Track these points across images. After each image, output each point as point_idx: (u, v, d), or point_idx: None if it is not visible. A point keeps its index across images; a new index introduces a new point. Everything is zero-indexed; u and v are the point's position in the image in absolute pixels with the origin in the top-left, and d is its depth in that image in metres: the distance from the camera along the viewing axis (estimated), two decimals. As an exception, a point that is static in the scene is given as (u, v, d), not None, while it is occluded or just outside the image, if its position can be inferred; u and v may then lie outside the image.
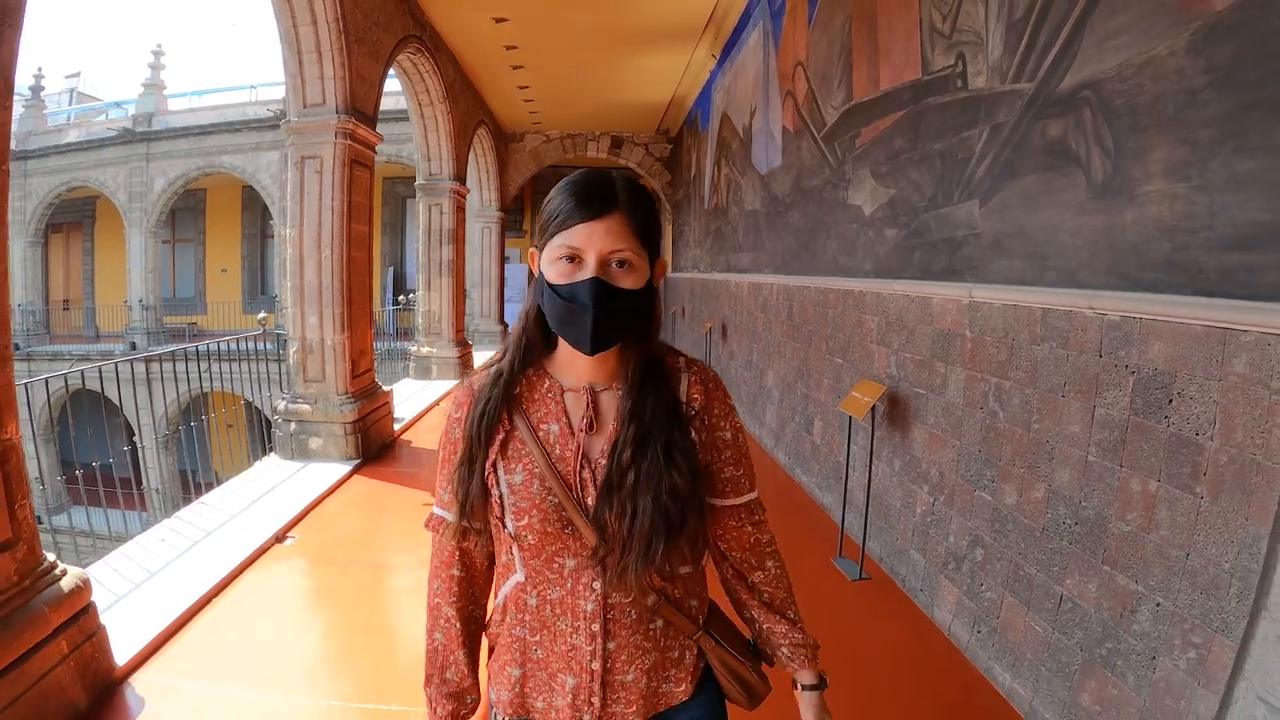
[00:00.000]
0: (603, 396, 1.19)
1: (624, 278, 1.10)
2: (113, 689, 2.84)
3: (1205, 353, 1.94)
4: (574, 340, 1.12)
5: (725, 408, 1.24)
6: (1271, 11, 1.74)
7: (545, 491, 1.13)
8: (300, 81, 5.64)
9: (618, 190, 1.11)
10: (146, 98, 18.43)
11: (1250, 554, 1.80)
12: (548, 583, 1.15)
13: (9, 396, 2.62)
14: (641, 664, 1.16)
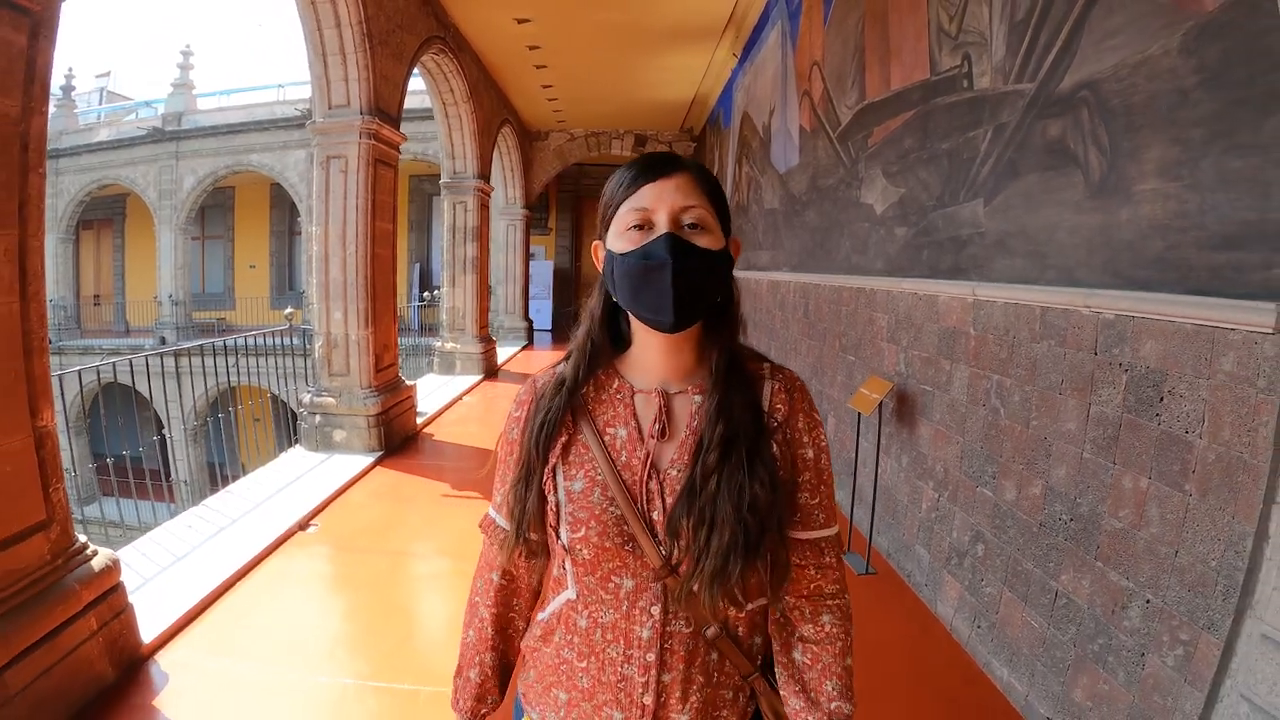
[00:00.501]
0: (676, 400, 1.07)
1: (699, 237, 1.00)
2: (139, 665, 2.94)
3: (1195, 351, 1.93)
4: (652, 309, 1.00)
5: (810, 422, 1.10)
6: (1260, 10, 1.72)
7: (607, 501, 1.03)
8: (325, 83, 5.73)
9: (680, 157, 1.05)
10: (176, 97, 18.58)
11: (1236, 552, 1.79)
12: (601, 603, 1.04)
13: (45, 386, 2.72)
14: (696, 701, 1.04)
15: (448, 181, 10.28)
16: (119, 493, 7.18)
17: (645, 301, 1.00)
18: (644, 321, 1.03)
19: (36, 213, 2.64)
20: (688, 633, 1.02)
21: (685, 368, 1.09)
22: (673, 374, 1.08)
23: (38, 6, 2.48)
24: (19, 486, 2.56)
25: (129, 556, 3.65)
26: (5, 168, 2.49)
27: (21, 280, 2.59)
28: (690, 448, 1.04)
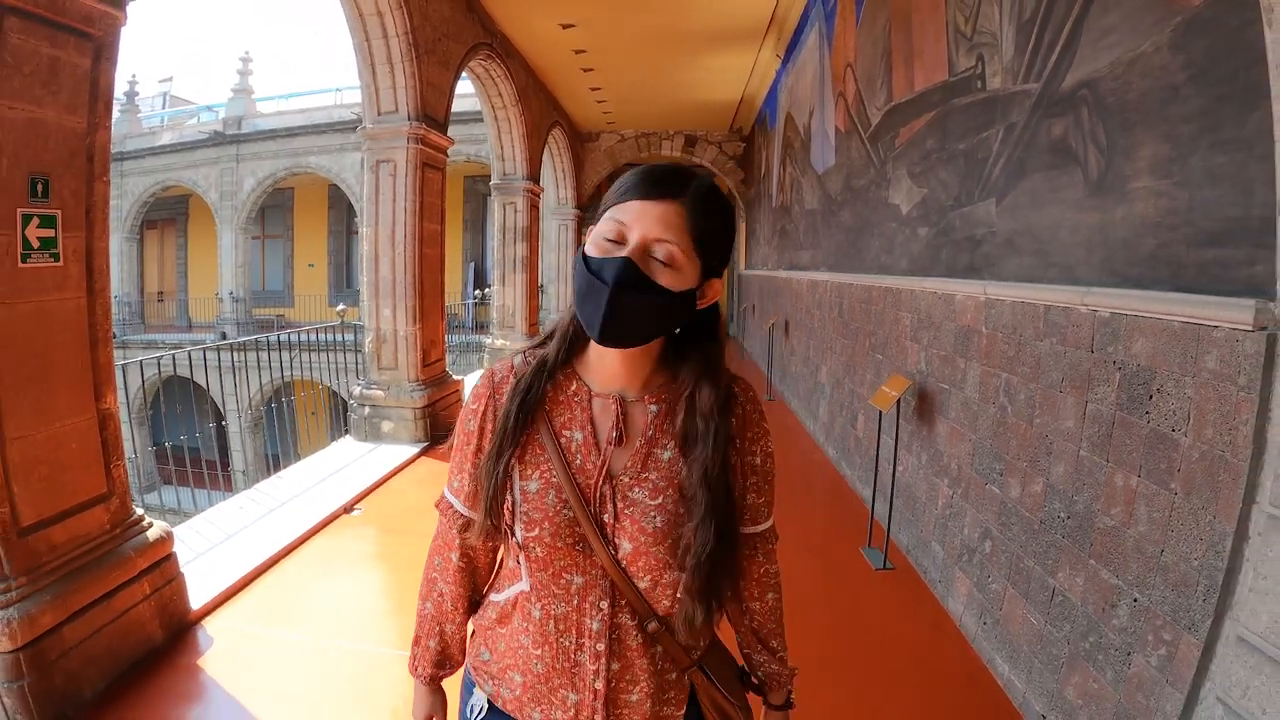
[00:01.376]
0: (633, 408, 1.09)
1: (661, 272, 0.98)
2: (187, 629, 3.12)
3: (1181, 349, 1.88)
4: (585, 321, 1.02)
5: (759, 431, 1.13)
6: (1243, 4, 1.67)
7: (561, 504, 1.05)
8: (374, 91, 5.91)
9: (689, 184, 1.01)
10: (236, 102, 19.07)
11: (1216, 552, 1.74)
12: (553, 597, 1.07)
13: (109, 373, 2.92)
14: (645, 687, 1.08)
15: (498, 183, 10.44)
16: (178, 481, 7.48)
17: (583, 311, 1.01)
18: (583, 325, 1.04)
19: (102, 217, 2.83)
20: (634, 625, 1.07)
21: (641, 380, 1.10)
22: (629, 382, 1.09)
23: (99, 31, 2.66)
24: (83, 461, 2.75)
25: (183, 533, 3.86)
26: (74, 177, 2.68)
27: (88, 278, 2.79)
28: (643, 455, 1.07)
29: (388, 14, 5.66)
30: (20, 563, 2.51)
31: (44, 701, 2.48)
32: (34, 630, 2.46)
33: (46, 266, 2.62)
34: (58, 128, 2.62)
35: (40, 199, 2.58)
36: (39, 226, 2.59)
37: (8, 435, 2.48)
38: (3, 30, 2.40)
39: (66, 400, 2.71)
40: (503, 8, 7.73)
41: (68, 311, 2.70)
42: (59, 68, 2.60)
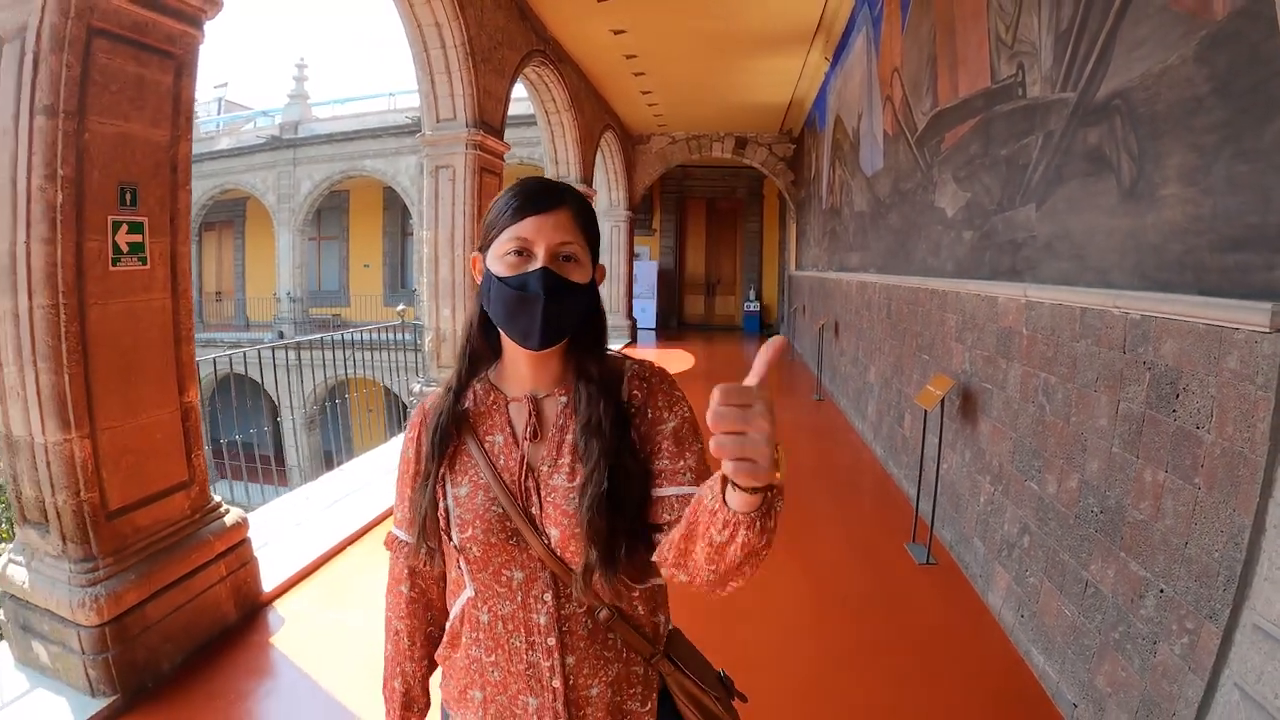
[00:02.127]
0: (545, 404, 1.16)
1: (572, 271, 1.09)
2: (259, 610, 3.37)
3: (1205, 350, 1.97)
4: (522, 333, 1.09)
5: (670, 399, 1.16)
6: (1260, 19, 1.76)
7: (490, 502, 1.11)
8: (433, 99, 6.20)
9: (565, 192, 1.12)
10: (292, 107, 19.53)
11: (1235, 544, 1.83)
12: (498, 596, 1.11)
13: (191, 369, 3.18)
14: (604, 677, 1.10)
15: (553, 186, 10.65)
16: (234, 476, 7.81)
17: (517, 326, 1.08)
18: (514, 341, 1.11)
19: (184, 223, 3.10)
20: (582, 613, 1.09)
21: (551, 377, 1.17)
22: (541, 382, 1.16)
23: (180, 50, 2.93)
24: (167, 451, 3.02)
25: (253, 521, 4.13)
26: (159, 186, 2.94)
27: (172, 280, 3.05)
28: (557, 443, 1.13)
29: (445, 25, 5.94)
30: (107, 544, 2.77)
31: (126, 673, 2.73)
32: (119, 607, 2.72)
33: (135, 270, 2.88)
34: (144, 141, 2.88)
35: (129, 207, 2.85)
36: (128, 233, 2.85)
37: (98, 425, 2.75)
38: (92, 51, 2.66)
39: (152, 394, 2.97)
40: (555, 15, 7.98)
41: (154, 311, 2.96)
42: (144, 85, 2.86)
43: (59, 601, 2.70)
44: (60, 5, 2.56)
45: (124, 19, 2.73)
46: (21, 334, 2.63)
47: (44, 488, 2.72)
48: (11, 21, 2.64)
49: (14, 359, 2.68)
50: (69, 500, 2.68)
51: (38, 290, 2.57)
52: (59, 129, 2.56)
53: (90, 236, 2.65)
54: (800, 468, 6.19)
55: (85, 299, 2.64)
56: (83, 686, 2.71)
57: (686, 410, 1.17)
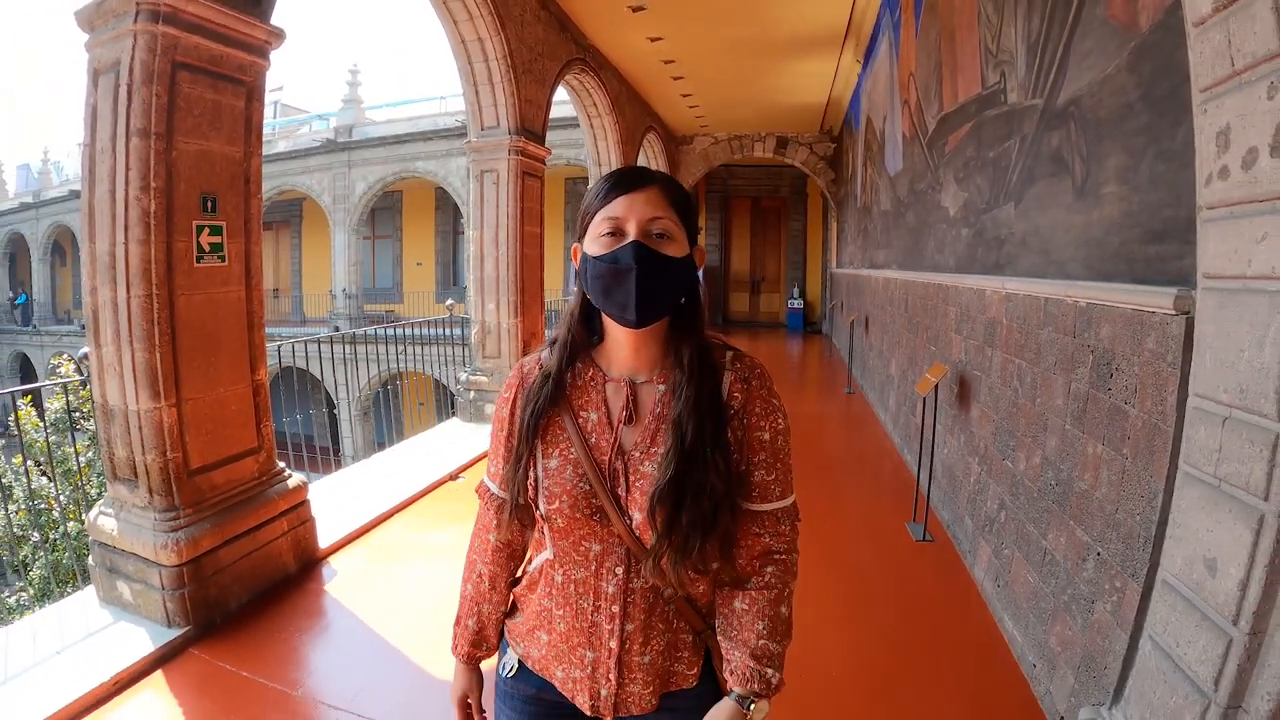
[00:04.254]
0: (643, 389, 1.15)
1: (665, 246, 1.09)
2: (315, 563, 3.71)
3: (1131, 333, 2.08)
4: (619, 308, 1.08)
5: (767, 407, 1.15)
6: (1173, 30, 1.87)
7: (578, 478, 1.12)
8: (477, 108, 6.50)
9: (654, 174, 1.13)
10: (346, 111, 19.72)
11: (1152, 507, 1.95)
12: (573, 563, 1.14)
13: (261, 351, 3.53)
14: (656, 645, 1.14)
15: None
16: (294, 465, 8.22)
17: (614, 300, 1.08)
18: (612, 318, 1.12)
19: (256, 227, 3.44)
20: (647, 588, 1.12)
21: (651, 359, 1.16)
22: (640, 365, 1.16)
23: (250, 78, 3.26)
24: (240, 420, 3.36)
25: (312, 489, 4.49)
26: (235, 194, 3.28)
27: (246, 275, 3.39)
28: (652, 431, 1.12)
29: (487, 40, 6.23)
30: (188, 496, 3.13)
31: (199, 608, 3.08)
32: (196, 550, 3.07)
33: (215, 266, 3.22)
34: (221, 156, 3.22)
35: (210, 213, 3.19)
36: (209, 235, 3.19)
37: (183, 396, 3.10)
38: (176, 82, 3.01)
39: (228, 371, 3.31)
40: (593, 25, 8.19)
41: (231, 301, 3.31)
42: (220, 109, 3.20)
43: (144, 545, 3.05)
44: (149, 43, 2.91)
45: (202, 53, 3.06)
46: (120, 319, 2.99)
47: (135, 449, 3.08)
48: (107, 56, 3.01)
49: (112, 340, 3.05)
50: (157, 459, 3.03)
51: (134, 283, 2.92)
52: (151, 148, 2.91)
53: (178, 238, 3.01)
54: (825, 455, 6.32)
55: (174, 290, 3.00)
56: (160, 619, 3.06)
57: (780, 422, 1.17)
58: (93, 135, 3.07)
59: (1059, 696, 2.42)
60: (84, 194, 3.11)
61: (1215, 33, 1.62)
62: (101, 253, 3.03)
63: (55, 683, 2.67)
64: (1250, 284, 1.53)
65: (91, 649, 2.94)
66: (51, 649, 2.93)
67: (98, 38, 3.08)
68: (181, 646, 2.99)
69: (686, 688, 1.17)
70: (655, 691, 1.15)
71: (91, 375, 3.23)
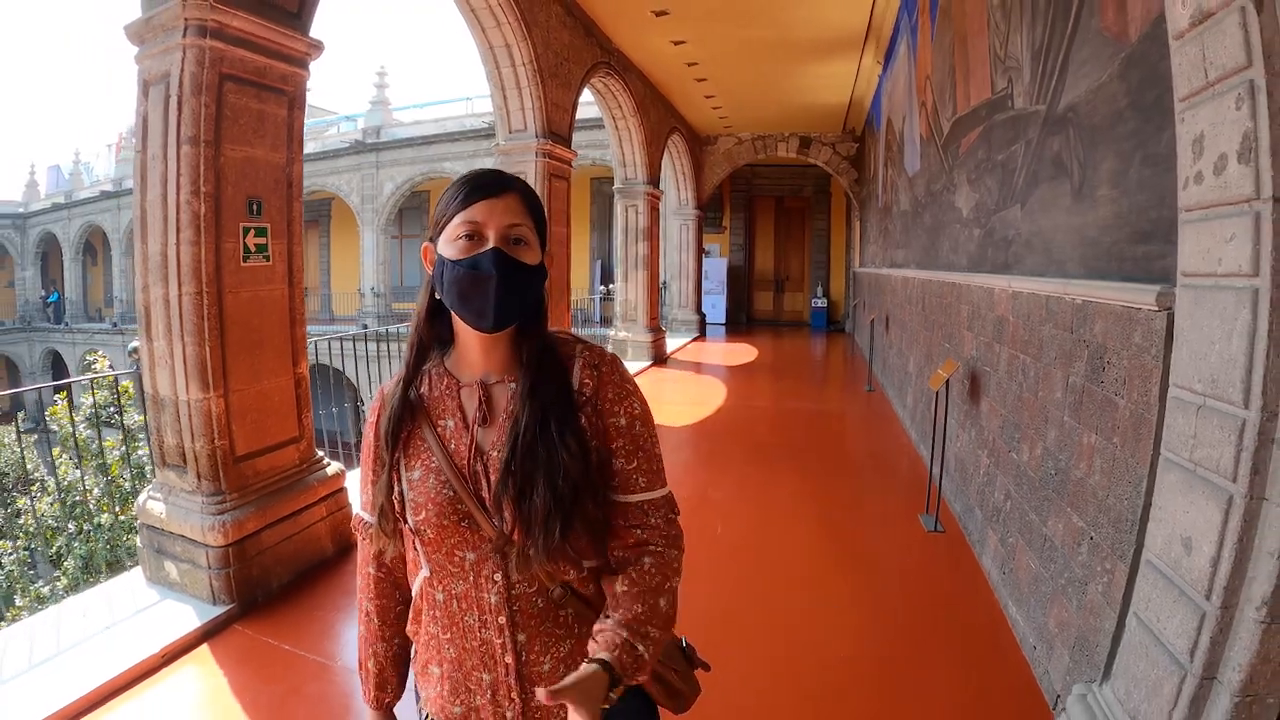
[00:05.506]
0: (495, 389, 1.15)
1: (521, 253, 1.09)
2: (352, 546, 3.89)
3: (1121, 328, 2.21)
4: (475, 314, 1.09)
5: (620, 392, 1.15)
6: (1158, 41, 2.00)
7: (441, 485, 1.10)
8: (505, 112, 6.71)
9: (510, 178, 1.13)
10: (374, 113, 20.05)
11: (1138, 491, 2.08)
12: (451, 576, 1.11)
13: (302, 345, 3.74)
14: (556, 653, 1.10)
15: (620, 187, 11.15)
16: None
17: (471, 306, 1.08)
18: (467, 323, 1.11)
19: (298, 228, 3.65)
20: (532, 592, 1.09)
21: (502, 361, 1.16)
22: (492, 367, 1.16)
23: (291, 88, 3.47)
24: (282, 411, 3.57)
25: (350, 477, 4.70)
26: (279, 198, 3.50)
27: (289, 274, 3.61)
28: (508, 431, 1.11)
29: (514, 45, 6.44)
30: (233, 481, 3.34)
31: (243, 587, 3.29)
32: (240, 532, 3.28)
33: (260, 265, 3.43)
34: (266, 162, 3.44)
35: (255, 216, 3.40)
36: (255, 236, 3.40)
37: (230, 388, 3.32)
38: (223, 93, 3.23)
39: (272, 364, 3.53)
40: (617, 29, 8.37)
41: (275, 299, 3.52)
42: (264, 117, 3.42)
43: (192, 527, 3.27)
44: (197, 57, 3.13)
45: (247, 65, 3.28)
46: (171, 315, 3.21)
47: (184, 437, 3.30)
48: (157, 69, 3.23)
49: (164, 334, 3.27)
50: (205, 446, 3.25)
51: (185, 280, 3.14)
52: (201, 155, 3.13)
53: (226, 239, 3.22)
54: (844, 452, 6.45)
55: (223, 288, 3.22)
56: (206, 596, 3.27)
57: (636, 406, 1.17)
58: (144, 142, 3.30)
59: (1056, 676, 2.55)
60: (136, 198, 3.34)
61: (1192, 46, 1.75)
62: (154, 252, 3.25)
63: (108, 654, 2.88)
64: (1220, 281, 1.66)
65: (141, 624, 3.15)
66: (102, 624, 3.15)
67: (147, 51, 3.30)
68: (226, 623, 3.20)
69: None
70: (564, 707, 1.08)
71: (143, 367, 3.46)
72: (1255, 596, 1.60)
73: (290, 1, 3.48)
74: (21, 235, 28.47)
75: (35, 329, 26.87)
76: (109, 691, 2.71)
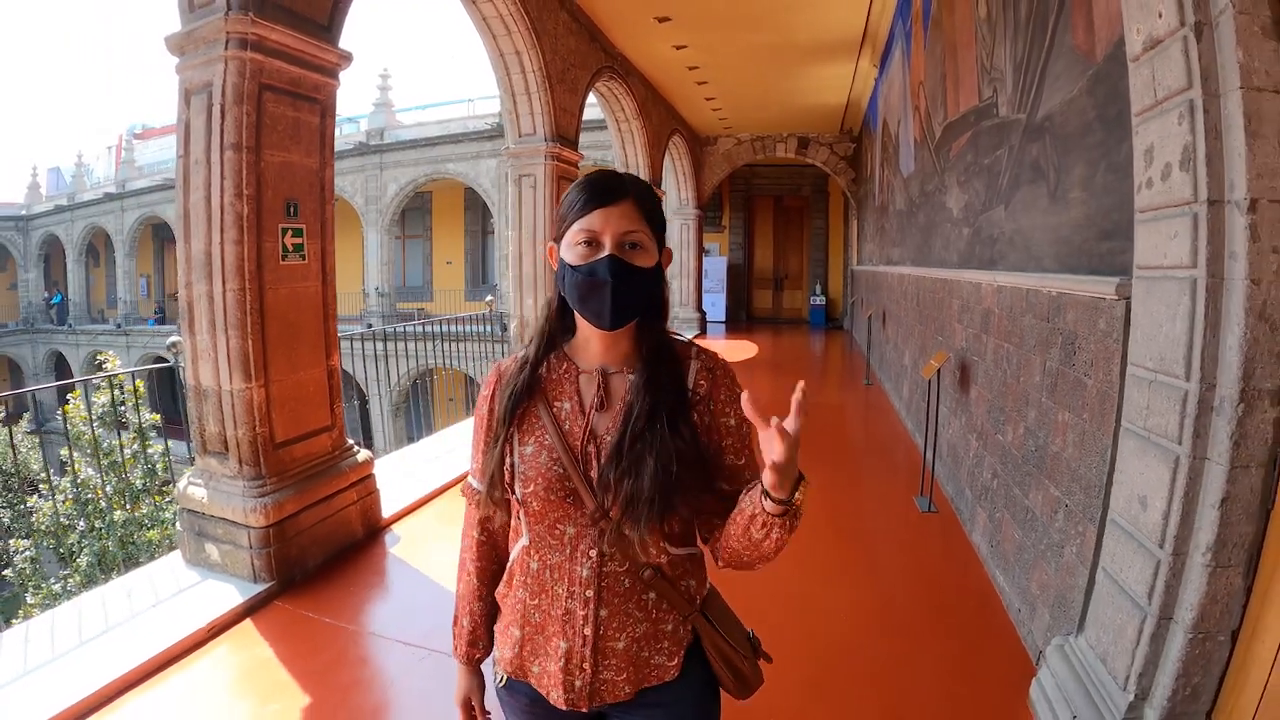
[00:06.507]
0: (613, 379, 1.21)
1: (637, 257, 1.14)
2: (379, 530, 4.17)
3: (1089, 316, 2.47)
4: (594, 315, 1.15)
5: (731, 394, 1.22)
6: (1119, 61, 2.26)
7: (552, 461, 1.16)
8: (515, 116, 6.97)
9: (627, 182, 1.17)
10: (377, 115, 20.25)
11: (1104, 460, 2.34)
12: (549, 548, 1.18)
13: (334, 339, 3.99)
14: (632, 632, 1.16)
15: (624, 188, 11.34)
16: None
17: (589, 308, 1.15)
18: (588, 321, 1.18)
19: (330, 228, 3.90)
20: (622, 572, 1.16)
21: (620, 354, 1.23)
22: (610, 359, 1.22)
23: (323, 97, 3.73)
24: (317, 401, 3.82)
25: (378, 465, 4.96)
26: (313, 200, 3.74)
27: (323, 272, 3.85)
28: (622, 417, 1.18)
29: (524, 53, 6.70)
30: (273, 467, 3.59)
31: (282, 565, 3.53)
32: (280, 514, 3.53)
33: (297, 264, 3.68)
34: (301, 167, 3.68)
35: (292, 217, 3.65)
36: (292, 236, 3.65)
37: (270, 378, 3.56)
38: (263, 102, 3.47)
39: (307, 356, 3.77)
40: (621, 35, 8.64)
41: (310, 294, 3.77)
42: (299, 125, 3.66)
43: (234, 510, 3.51)
44: (238, 68, 3.37)
45: (284, 76, 3.52)
46: (215, 310, 3.46)
47: (226, 424, 3.55)
48: (199, 78, 3.47)
49: (207, 328, 3.51)
50: (247, 433, 3.49)
51: (229, 277, 3.38)
52: (243, 160, 3.37)
53: (266, 239, 3.46)
54: (843, 442, 6.72)
55: (263, 284, 3.46)
56: (247, 575, 3.50)
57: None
58: (186, 148, 3.53)
59: (1038, 634, 2.81)
60: (179, 200, 3.57)
61: (1145, 68, 2.02)
62: (197, 252, 3.50)
63: (156, 629, 3.10)
64: (1167, 273, 1.93)
65: (185, 602, 3.38)
66: (148, 603, 3.38)
67: (188, 62, 3.53)
68: (267, 599, 3.44)
69: (667, 681, 1.20)
70: (630, 680, 1.17)
71: (185, 360, 3.71)
72: (1201, 544, 1.86)
73: (321, 15, 3.73)
74: (24, 237, 28.67)
75: (38, 330, 27.11)
76: (162, 662, 2.93)
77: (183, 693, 2.77)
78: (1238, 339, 1.73)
